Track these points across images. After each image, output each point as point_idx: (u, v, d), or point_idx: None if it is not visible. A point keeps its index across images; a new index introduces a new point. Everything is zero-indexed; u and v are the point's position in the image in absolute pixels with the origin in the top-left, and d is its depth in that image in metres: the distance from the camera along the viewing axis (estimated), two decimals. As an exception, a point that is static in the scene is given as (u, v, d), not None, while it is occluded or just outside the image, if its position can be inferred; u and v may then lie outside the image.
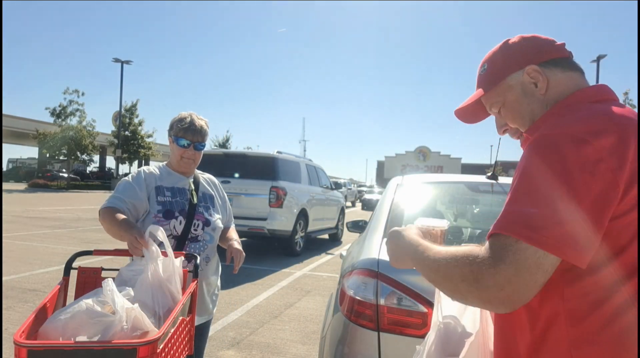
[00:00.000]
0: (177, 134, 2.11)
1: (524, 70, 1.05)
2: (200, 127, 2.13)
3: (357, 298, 1.84)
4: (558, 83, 1.04)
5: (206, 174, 2.34)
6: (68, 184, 33.56)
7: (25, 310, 4.38)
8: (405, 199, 2.57)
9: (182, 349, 1.55)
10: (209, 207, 2.19)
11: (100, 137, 34.96)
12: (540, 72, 1.04)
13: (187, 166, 2.15)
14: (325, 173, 11.10)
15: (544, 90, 1.04)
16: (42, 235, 9.54)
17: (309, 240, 9.56)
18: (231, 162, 8.36)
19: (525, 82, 1.05)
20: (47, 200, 20.27)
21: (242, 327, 4.30)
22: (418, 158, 63.19)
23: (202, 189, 2.23)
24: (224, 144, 40.07)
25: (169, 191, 2.11)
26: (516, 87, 1.06)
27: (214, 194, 2.27)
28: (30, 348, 1.19)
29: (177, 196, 2.11)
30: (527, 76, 1.05)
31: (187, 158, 2.12)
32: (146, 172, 2.14)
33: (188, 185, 2.17)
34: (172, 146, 2.15)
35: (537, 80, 1.04)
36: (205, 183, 2.27)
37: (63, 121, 31.42)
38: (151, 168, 2.19)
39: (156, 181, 2.12)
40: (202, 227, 2.11)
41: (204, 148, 2.18)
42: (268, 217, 7.86)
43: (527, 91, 1.05)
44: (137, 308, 1.34)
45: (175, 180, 2.16)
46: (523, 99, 1.06)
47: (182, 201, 2.12)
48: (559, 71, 1.05)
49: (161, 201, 2.08)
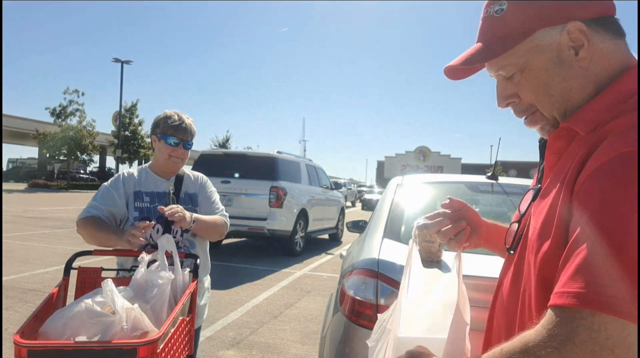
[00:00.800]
0: (166, 132, 2.02)
1: (565, 27, 0.75)
2: (189, 126, 2.07)
3: (357, 298, 1.84)
4: (606, 54, 0.76)
5: (195, 173, 2.23)
6: (68, 184, 33.55)
7: (25, 310, 4.38)
8: (405, 199, 2.57)
9: (182, 349, 1.55)
10: (192, 210, 2.05)
11: (100, 137, 34.96)
12: (586, 35, 0.75)
13: (174, 165, 2.07)
14: (325, 173, 11.10)
15: (587, 61, 0.76)
16: (42, 235, 9.54)
17: (309, 240, 9.56)
18: (231, 162, 8.36)
19: (562, 45, 0.76)
20: (47, 200, 20.26)
21: (242, 327, 4.30)
22: (418, 158, 63.15)
23: (185, 190, 2.12)
24: (224, 144, 40.04)
25: (147, 197, 2.03)
26: (548, 50, 0.77)
27: (198, 192, 2.15)
28: (31, 348, 1.19)
29: (155, 202, 2.02)
30: (567, 37, 0.76)
31: (175, 156, 2.05)
32: (125, 176, 2.07)
33: (169, 188, 2.08)
34: (159, 145, 2.05)
35: (579, 45, 0.75)
36: (189, 182, 2.16)
37: (63, 121, 31.43)
38: (131, 171, 2.13)
39: (135, 186, 2.05)
40: (182, 233, 2.01)
41: (192, 147, 2.11)
42: (268, 217, 7.86)
43: (563, 58, 0.77)
44: (137, 308, 1.34)
45: (155, 184, 2.08)
46: (555, 68, 0.77)
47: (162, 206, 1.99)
48: (609, 37, 0.77)
49: (138, 207, 2.00)
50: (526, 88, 0.81)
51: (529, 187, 0.95)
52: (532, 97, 0.81)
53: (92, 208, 1.97)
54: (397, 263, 1.82)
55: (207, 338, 3.91)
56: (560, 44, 0.76)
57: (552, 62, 0.77)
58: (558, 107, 0.79)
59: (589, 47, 0.75)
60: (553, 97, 0.79)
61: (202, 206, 2.13)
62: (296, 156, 9.78)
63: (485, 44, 0.81)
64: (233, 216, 7.95)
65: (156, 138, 2.07)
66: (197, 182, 2.18)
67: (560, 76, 0.77)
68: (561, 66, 0.77)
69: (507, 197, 2.71)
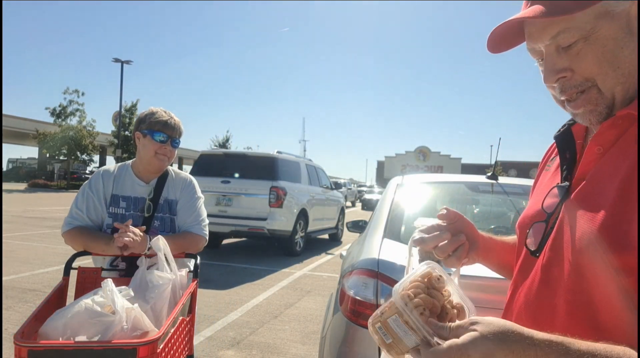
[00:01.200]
0: (153, 128, 1.93)
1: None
2: (177, 123, 2.00)
3: (357, 298, 1.84)
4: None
5: (182, 174, 2.09)
6: (68, 184, 33.56)
7: (25, 310, 4.38)
8: (405, 199, 2.57)
9: (182, 349, 1.55)
10: (168, 219, 1.96)
11: (100, 137, 34.94)
12: None
13: (160, 163, 1.97)
14: (325, 173, 11.10)
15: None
16: (42, 234, 9.54)
17: (309, 240, 9.56)
18: (231, 162, 8.36)
19: (632, 15, 0.72)
20: (47, 200, 20.26)
21: (242, 327, 4.30)
22: (418, 158, 63.13)
23: (165, 195, 1.99)
24: (224, 144, 40.00)
25: (124, 202, 1.95)
26: (619, 18, 0.71)
27: (179, 198, 2.01)
28: (31, 348, 1.19)
29: (131, 209, 1.94)
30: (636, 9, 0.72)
31: (162, 154, 1.95)
32: (104, 175, 1.99)
33: (147, 193, 1.97)
34: (145, 141, 1.94)
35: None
36: (172, 185, 2.02)
37: (63, 121, 31.41)
38: (111, 169, 2.03)
39: (114, 188, 1.97)
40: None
41: (179, 146, 2.03)
42: (268, 217, 7.86)
43: (632, 29, 0.72)
44: (137, 308, 1.34)
45: (133, 188, 1.98)
46: (626, 38, 0.71)
47: (136, 214, 1.94)
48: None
49: (113, 213, 1.93)
50: (589, 58, 0.72)
51: (529, 187, 0.90)
52: (594, 70, 0.72)
53: (75, 219, 1.90)
54: (397, 263, 1.82)
55: (207, 338, 3.91)
56: (629, 14, 0.72)
57: (623, 31, 0.71)
58: (623, 82, 0.72)
59: None
60: (619, 70, 0.72)
61: (180, 215, 1.99)
62: (296, 156, 9.78)
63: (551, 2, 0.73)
64: (233, 216, 8.04)
65: (141, 135, 1.96)
66: (180, 186, 2.04)
67: (630, 47, 0.71)
68: (631, 36, 0.71)
69: (507, 197, 2.72)
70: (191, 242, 1.94)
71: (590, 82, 0.74)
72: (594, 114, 0.76)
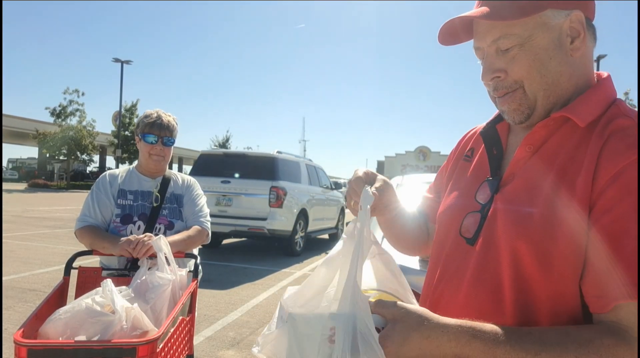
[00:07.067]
0: (144, 131, 2.02)
1: (570, 13, 0.78)
2: (167, 122, 2.04)
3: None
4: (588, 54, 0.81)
5: (184, 176, 2.21)
6: (68, 184, 33.56)
7: (25, 310, 4.38)
8: (405, 199, 2.57)
9: (182, 349, 1.56)
10: (177, 209, 2.07)
11: (100, 137, 34.93)
12: (584, 27, 0.78)
13: (156, 164, 2.05)
14: (325, 173, 11.10)
15: (579, 53, 0.79)
16: (42, 234, 9.54)
17: (309, 240, 9.55)
18: (231, 162, 8.36)
19: (564, 30, 0.78)
20: (47, 200, 20.26)
21: (242, 327, 4.30)
22: (418, 158, 63.08)
23: (172, 190, 2.10)
24: (224, 144, 40.02)
25: (131, 195, 2.03)
26: (552, 31, 0.78)
27: (184, 193, 2.13)
28: (31, 348, 1.20)
29: (139, 200, 2.02)
30: (569, 24, 0.78)
31: (155, 154, 2.03)
32: (110, 176, 2.08)
33: (154, 187, 2.07)
34: (140, 145, 2.05)
35: (576, 35, 0.78)
36: (176, 184, 2.14)
37: (63, 121, 31.40)
38: (117, 172, 2.13)
39: (120, 185, 2.05)
40: (165, 231, 1.99)
41: (174, 144, 2.08)
42: (268, 217, 7.86)
43: (562, 43, 0.79)
44: (137, 308, 1.35)
45: (140, 183, 2.07)
46: (555, 50, 0.78)
47: (145, 204, 2.02)
48: (591, 39, 0.81)
49: (121, 204, 2.01)
50: (521, 63, 0.79)
51: None
52: (524, 74, 0.79)
53: (86, 216, 1.98)
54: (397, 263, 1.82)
55: (207, 338, 3.91)
56: (562, 29, 0.78)
57: (554, 44, 0.78)
58: (546, 89, 0.79)
59: (582, 40, 0.78)
60: (545, 77, 0.79)
61: (186, 208, 2.10)
62: (296, 156, 9.78)
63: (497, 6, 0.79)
64: (233, 216, 8.04)
65: (138, 138, 2.06)
66: (184, 184, 2.16)
67: (557, 59, 0.78)
68: (560, 49, 0.78)
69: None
70: (197, 234, 2.02)
71: (519, 84, 0.81)
72: (517, 113, 0.83)
